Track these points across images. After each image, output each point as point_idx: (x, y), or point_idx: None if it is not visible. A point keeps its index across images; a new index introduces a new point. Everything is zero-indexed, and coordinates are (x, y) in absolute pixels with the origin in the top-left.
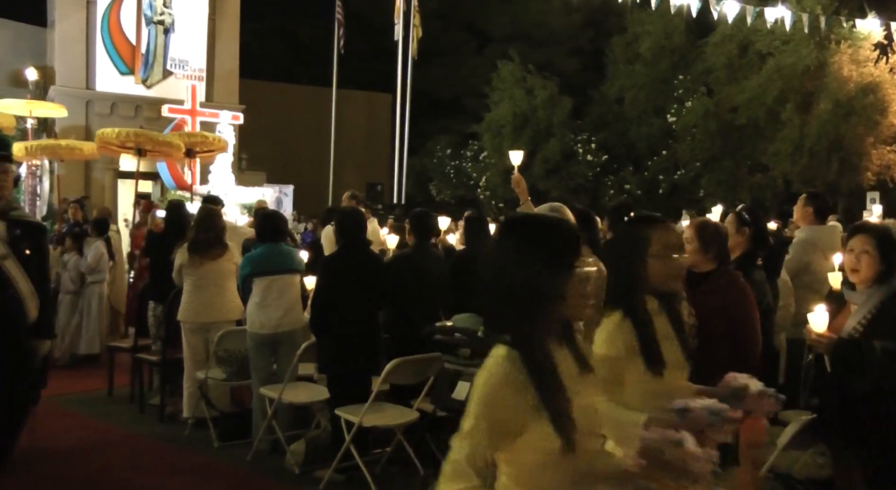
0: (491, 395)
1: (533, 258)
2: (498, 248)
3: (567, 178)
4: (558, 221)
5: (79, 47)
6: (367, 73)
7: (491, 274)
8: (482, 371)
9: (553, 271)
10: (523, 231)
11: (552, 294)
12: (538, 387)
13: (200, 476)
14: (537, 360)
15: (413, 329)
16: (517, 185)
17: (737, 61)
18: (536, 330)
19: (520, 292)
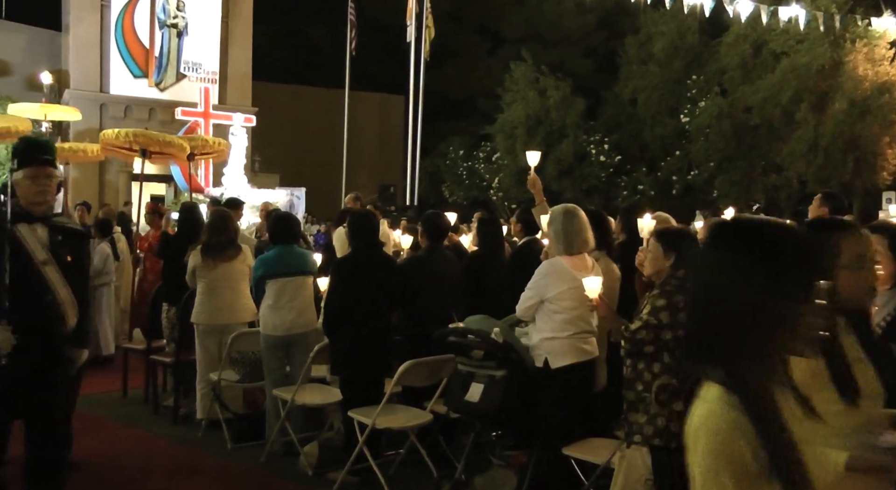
0: (726, 446)
1: (761, 277)
2: (709, 261)
3: (580, 180)
4: (793, 231)
5: (93, 51)
6: (380, 75)
7: (699, 294)
8: (699, 419)
9: (787, 295)
10: (748, 241)
11: (783, 324)
12: (767, 445)
13: (214, 477)
14: (763, 411)
15: (426, 331)
16: (533, 185)
17: (751, 61)
18: (759, 369)
19: (740, 320)
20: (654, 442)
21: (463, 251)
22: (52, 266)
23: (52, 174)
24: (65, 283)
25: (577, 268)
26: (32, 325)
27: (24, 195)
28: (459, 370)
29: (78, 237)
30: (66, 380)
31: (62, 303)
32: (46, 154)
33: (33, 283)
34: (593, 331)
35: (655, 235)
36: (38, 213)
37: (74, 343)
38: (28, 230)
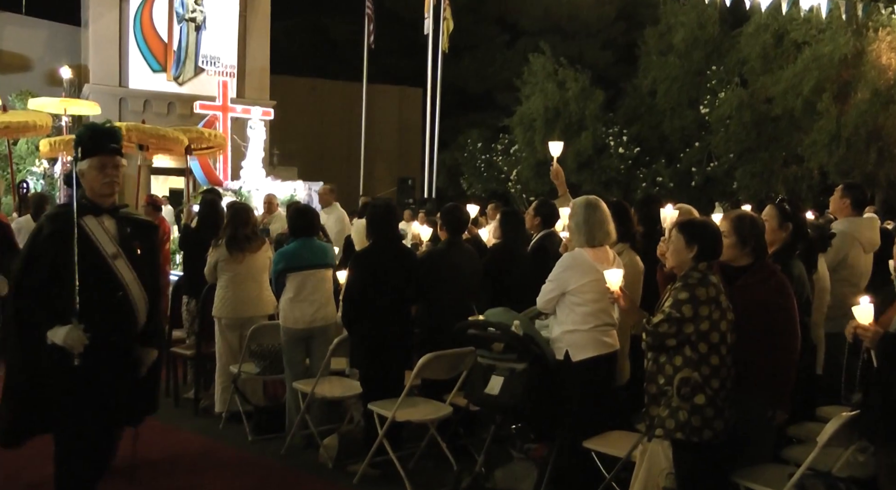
0: None
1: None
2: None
3: (599, 172)
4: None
5: (112, 46)
6: (398, 68)
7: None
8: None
9: None
10: None
11: None
12: None
13: (235, 469)
14: None
15: (446, 324)
16: (556, 176)
17: (772, 51)
18: None
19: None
20: (675, 435)
21: (482, 244)
22: (122, 260)
23: (119, 163)
24: (136, 278)
25: (598, 260)
26: (103, 323)
27: (90, 186)
28: (480, 363)
29: (147, 229)
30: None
31: (133, 299)
32: (114, 142)
33: (103, 278)
34: (615, 323)
35: (678, 227)
36: (106, 204)
37: (145, 342)
38: (96, 223)
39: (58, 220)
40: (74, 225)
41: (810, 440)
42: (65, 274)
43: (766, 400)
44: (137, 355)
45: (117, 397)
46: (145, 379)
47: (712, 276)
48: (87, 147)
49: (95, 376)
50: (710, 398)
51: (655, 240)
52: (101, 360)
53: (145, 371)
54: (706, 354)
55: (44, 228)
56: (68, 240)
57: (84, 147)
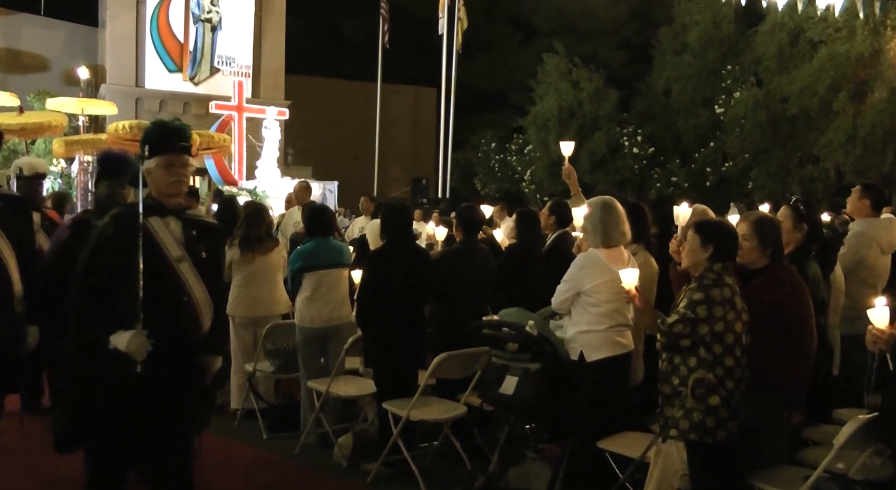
0: None
1: None
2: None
3: (613, 172)
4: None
5: (129, 46)
6: (412, 68)
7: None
8: None
9: None
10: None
11: None
12: None
13: (249, 467)
14: None
15: (460, 323)
16: (568, 176)
17: (788, 50)
18: None
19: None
20: (689, 436)
21: (496, 245)
22: (187, 263)
23: (187, 162)
24: (200, 283)
25: (613, 260)
26: (167, 329)
27: (157, 185)
28: (494, 363)
29: (213, 231)
30: (199, 391)
31: (198, 304)
32: (183, 140)
33: (168, 282)
34: (629, 324)
35: (693, 227)
36: (172, 205)
37: (208, 350)
38: (161, 224)
39: (122, 220)
40: (140, 226)
41: (826, 442)
42: (128, 277)
43: (781, 401)
44: (201, 363)
45: (179, 406)
46: (207, 387)
47: (728, 276)
48: (155, 145)
49: (157, 384)
50: (724, 399)
51: (669, 240)
52: (164, 367)
53: (209, 379)
54: (721, 355)
55: (107, 228)
56: (133, 241)
57: (151, 145)
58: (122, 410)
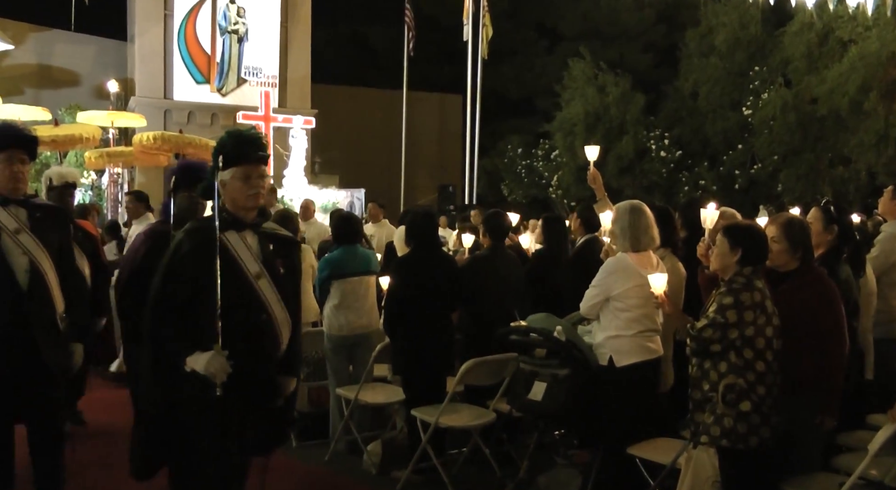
0: None
1: None
2: None
3: (641, 176)
4: None
5: (157, 59)
6: (438, 75)
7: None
8: None
9: None
10: None
11: None
12: None
13: (279, 474)
14: None
15: (488, 330)
16: (593, 180)
17: (817, 50)
18: None
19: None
20: (721, 442)
21: (522, 252)
22: (265, 280)
23: (265, 173)
24: (279, 300)
25: (642, 265)
26: (245, 349)
27: (233, 198)
28: (522, 369)
29: (290, 245)
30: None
31: (277, 323)
32: (260, 149)
33: (246, 300)
34: (658, 329)
35: (722, 231)
36: (249, 218)
37: (285, 370)
38: (238, 239)
39: (198, 235)
40: (217, 241)
41: (861, 448)
42: (205, 295)
43: (813, 406)
44: (277, 384)
45: (255, 429)
46: (281, 408)
47: (757, 280)
48: (231, 155)
49: (235, 407)
50: (755, 405)
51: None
52: (242, 389)
53: (283, 401)
54: (751, 360)
55: (183, 244)
56: (210, 257)
57: (227, 155)
58: (201, 435)
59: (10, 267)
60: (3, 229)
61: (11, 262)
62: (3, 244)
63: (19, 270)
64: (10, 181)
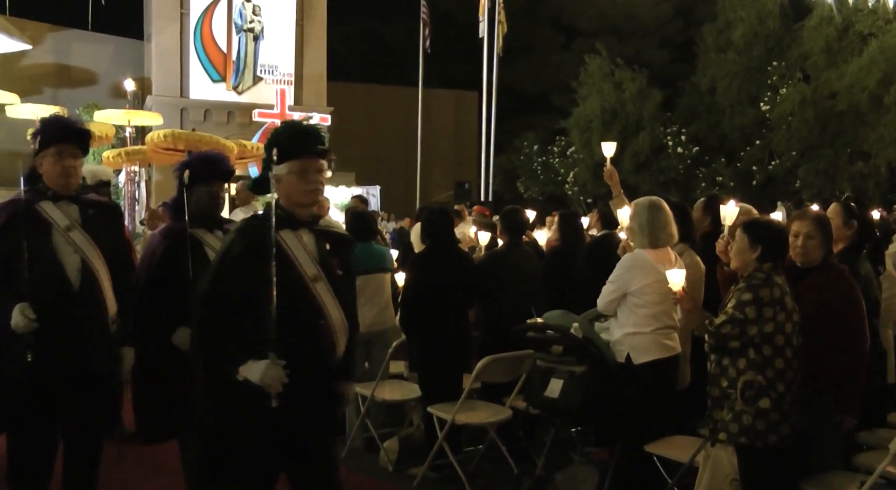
0: None
1: None
2: None
3: (657, 172)
4: None
5: (174, 58)
6: (454, 72)
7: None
8: None
9: None
10: None
11: None
12: None
13: None
14: None
15: (505, 326)
16: (610, 177)
17: (836, 44)
18: None
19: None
20: (739, 440)
21: (539, 248)
22: (322, 282)
23: (322, 168)
24: (336, 303)
25: (659, 261)
26: (301, 357)
27: (289, 194)
28: (539, 366)
29: (346, 245)
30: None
31: (334, 328)
32: (319, 143)
33: (303, 304)
34: (676, 326)
35: (742, 227)
36: (304, 216)
37: (342, 377)
38: (293, 238)
39: (251, 234)
40: (272, 241)
41: (882, 447)
42: (260, 300)
43: (833, 405)
44: (334, 393)
45: (309, 441)
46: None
47: (777, 276)
48: (287, 148)
49: (291, 420)
50: (775, 402)
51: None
52: (298, 400)
53: (341, 411)
54: (770, 357)
55: (234, 245)
56: (264, 259)
57: (282, 148)
58: (257, 450)
59: (60, 265)
60: (55, 226)
61: (62, 260)
62: (53, 242)
63: (70, 269)
64: (62, 177)
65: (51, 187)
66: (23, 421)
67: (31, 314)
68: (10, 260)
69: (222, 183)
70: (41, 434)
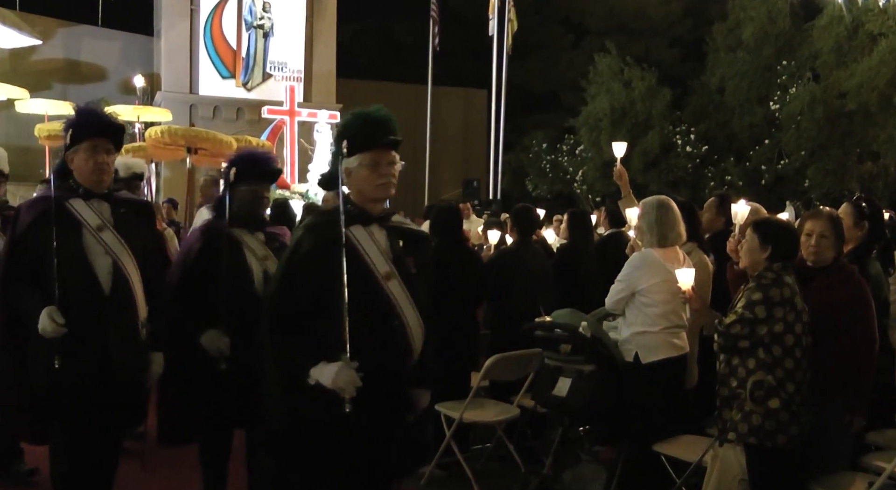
0: None
1: None
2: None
3: (666, 171)
4: None
5: (183, 54)
6: (463, 70)
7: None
8: None
9: None
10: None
11: None
12: None
13: None
14: None
15: (514, 325)
16: (619, 177)
17: (846, 44)
18: None
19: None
20: (748, 440)
21: (548, 247)
22: (395, 281)
23: (395, 160)
24: (411, 303)
25: (668, 260)
26: (375, 359)
27: (360, 188)
28: (547, 364)
29: (421, 241)
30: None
31: (409, 329)
32: (392, 133)
33: (376, 305)
34: (684, 325)
35: (752, 227)
36: (376, 211)
37: (418, 382)
38: (365, 235)
39: (320, 231)
40: (343, 238)
41: (891, 447)
42: (330, 299)
43: (842, 405)
44: (410, 398)
45: (388, 451)
46: (415, 425)
47: (787, 276)
48: (358, 140)
49: (365, 426)
50: (784, 402)
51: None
52: (372, 404)
53: (417, 417)
54: (780, 357)
55: (303, 242)
56: (334, 257)
57: (353, 139)
58: (328, 458)
59: (91, 268)
60: (85, 226)
61: (93, 262)
62: (84, 242)
63: (101, 272)
64: (94, 173)
65: (82, 184)
66: (58, 428)
67: (59, 319)
68: (38, 261)
69: (268, 183)
70: (81, 440)
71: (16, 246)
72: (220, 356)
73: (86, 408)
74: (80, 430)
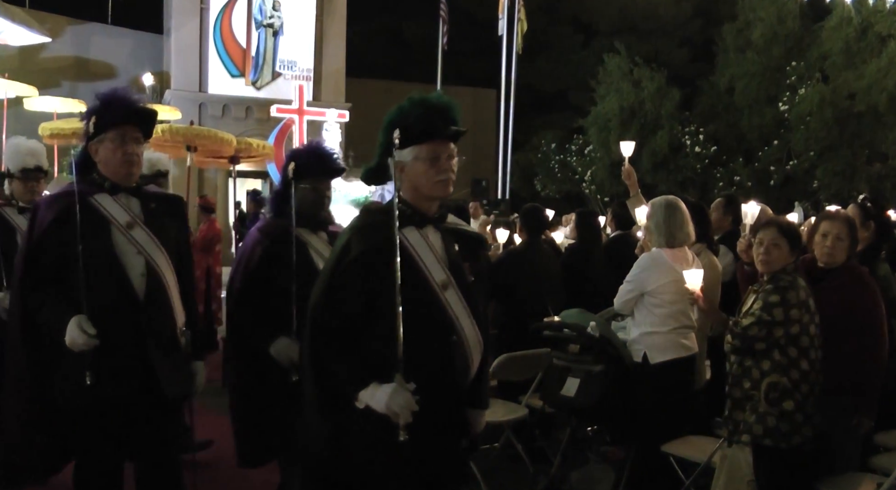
0: None
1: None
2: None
3: (675, 171)
4: None
5: (193, 53)
6: (473, 69)
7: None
8: None
9: None
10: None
11: None
12: None
13: None
14: None
15: (522, 325)
16: (628, 176)
17: (855, 45)
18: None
19: None
20: (764, 442)
21: (556, 247)
22: (452, 290)
23: (455, 153)
24: (469, 315)
25: (677, 261)
26: (431, 379)
27: (415, 185)
28: (555, 364)
29: (477, 244)
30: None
31: (467, 344)
32: (452, 122)
33: (433, 317)
34: (693, 326)
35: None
36: (432, 211)
37: (474, 402)
38: (419, 238)
39: (369, 234)
40: (395, 243)
41: None
42: (381, 311)
43: (851, 406)
44: (466, 421)
45: (438, 480)
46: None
47: (799, 278)
48: (415, 129)
49: (418, 453)
50: (799, 403)
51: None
52: (426, 430)
53: (474, 439)
54: (796, 359)
55: (351, 247)
56: (386, 263)
57: (408, 129)
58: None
59: (122, 269)
60: (114, 223)
61: (125, 263)
62: (114, 241)
63: (134, 274)
64: (123, 165)
65: (108, 177)
66: (87, 449)
67: (89, 328)
68: (62, 264)
69: (329, 180)
70: (108, 462)
71: (36, 247)
72: (292, 366)
73: (123, 427)
74: (113, 458)
